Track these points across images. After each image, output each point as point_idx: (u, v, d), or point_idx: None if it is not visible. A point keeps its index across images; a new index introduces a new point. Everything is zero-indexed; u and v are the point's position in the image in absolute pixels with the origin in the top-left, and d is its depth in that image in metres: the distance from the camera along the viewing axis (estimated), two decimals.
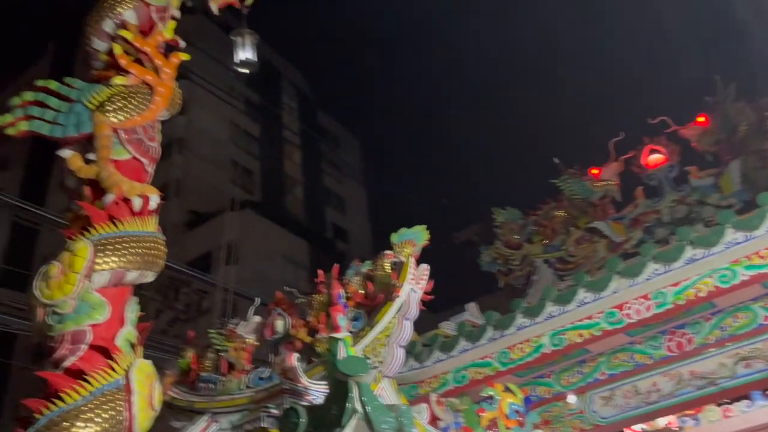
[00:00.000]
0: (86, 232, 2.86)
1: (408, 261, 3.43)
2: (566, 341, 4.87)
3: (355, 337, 3.29)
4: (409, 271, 3.38)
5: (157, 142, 3.45)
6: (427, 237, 3.74)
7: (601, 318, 4.81)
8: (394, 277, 3.43)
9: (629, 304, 4.75)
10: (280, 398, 3.06)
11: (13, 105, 3.19)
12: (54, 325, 2.67)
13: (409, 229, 3.74)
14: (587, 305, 4.85)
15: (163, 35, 3.50)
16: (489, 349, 5.10)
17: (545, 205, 9.29)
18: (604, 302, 4.81)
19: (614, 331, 4.79)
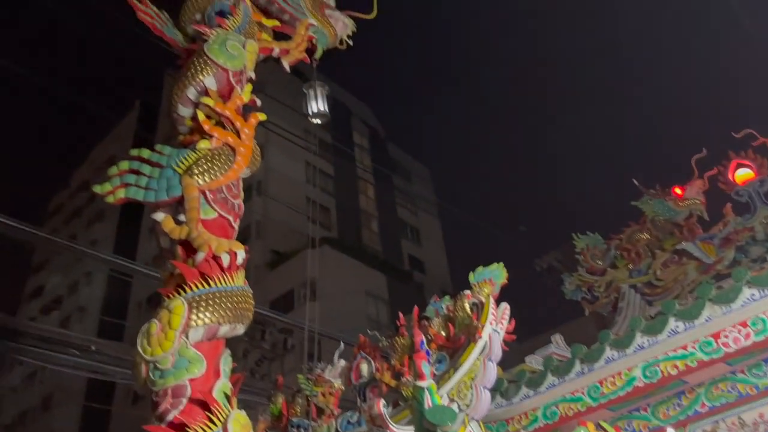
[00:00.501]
0: (181, 290, 3.05)
1: (488, 301, 3.42)
2: (660, 373, 4.66)
3: (440, 379, 3.29)
4: (490, 311, 3.37)
5: (240, 198, 3.65)
6: (506, 275, 3.72)
7: (697, 348, 4.59)
8: (474, 318, 3.43)
9: (726, 332, 4.51)
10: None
11: (111, 174, 3.47)
12: (156, 381, 2.85)
13: (487, 267, 3.74)
14: (680, 335, 4.64)
15: (241, 98, 3.73)
16: (578, 384, 4.95)
17: (627, 229, 8.99)
18: (698, 331, 4.59)
19: (712, 361, 4.55)
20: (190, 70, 3.82)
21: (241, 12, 4.14)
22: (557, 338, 6.51)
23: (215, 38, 3.86)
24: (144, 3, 4.22)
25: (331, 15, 4.98)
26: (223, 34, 3.90)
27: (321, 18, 4.86)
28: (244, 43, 3.97)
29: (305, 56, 4.79)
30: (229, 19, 4.05)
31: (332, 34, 4.94)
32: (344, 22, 5.03)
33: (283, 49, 4.55)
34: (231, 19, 4.05)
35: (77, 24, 11.50)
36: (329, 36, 4.92)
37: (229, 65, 3.80)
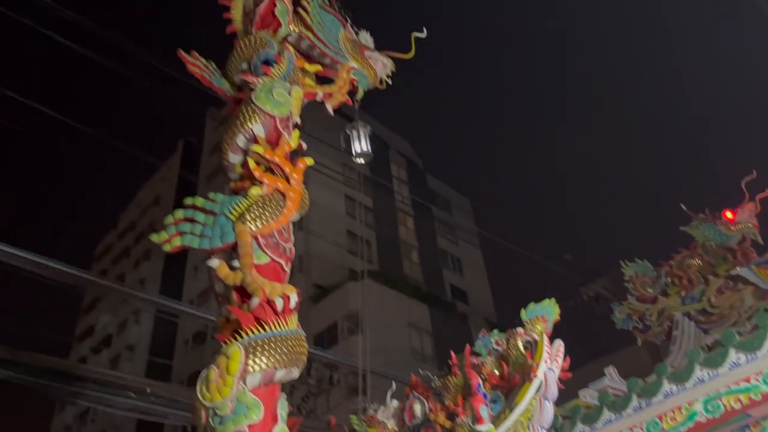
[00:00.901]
0: (237, 336, 3.10)
1: (542, 339, 3.38)
2: (723, 407, 4.49)
3: (496, 420, 3.25)
4: (544, 349, 3.33)
5: (291, 242, 3.72)
6: (558, 311, 3.68)
7: (760, 380, 4.42)
8: (528, 356, 3.39)
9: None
10: None
11: (167, 223, 3.58)
12: (216, 427, 2.89)
13: (539, 303, 3.70)
14: (741, 367, 4.48)
15: (290, 145, 3.82)
16: (636, 420, 4.81)
17: (677, 255, 8.78)
18: (761, 363, 4.43)
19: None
20: (239, 118, 3.94)
21: (285, 60, 4.26)
22: (611, 371, 6.35)
23: (262, 86, 3.98)
24: (193, 56, 4.39)
25: (371, 56, 5.08)
26: (269, 83, 4.02)
27: (361, 60, 4.96)
28: (290, 89, 4.08)
29: (347, 98, 4.90)
30: (275, 67, 4.17)
31: (373, 75, 5.03)
32: (383, 62, 5.12)
33: (326, 93, 4.67)
34: (276, 67, 4.17)
35: (120, 69, 12.08)
36: (370, 77, 5.02)
37: (276, 112, 3.91)
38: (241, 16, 4.72)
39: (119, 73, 9.53)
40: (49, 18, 8.72)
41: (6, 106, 28.59)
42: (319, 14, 4.82)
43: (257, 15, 4.57)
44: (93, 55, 8.94)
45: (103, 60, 9.26)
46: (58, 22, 9.15)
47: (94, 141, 57.23)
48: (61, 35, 8.55)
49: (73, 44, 8.72)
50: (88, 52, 8.87)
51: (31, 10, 8.60)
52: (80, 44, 8.58)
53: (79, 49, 8.68)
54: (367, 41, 5.14)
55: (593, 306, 14.30)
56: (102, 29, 8.80)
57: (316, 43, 4.76)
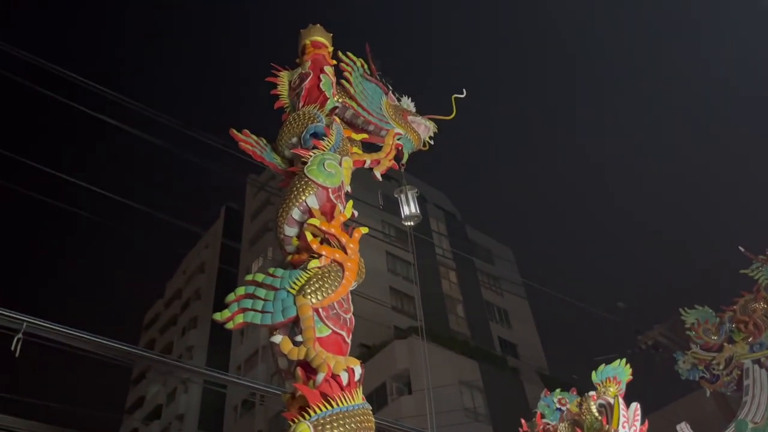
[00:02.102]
0: (305, 414, 3.07)
1: (617, 402, 3.25)
2: None
3: None
4: (620, 413, 3.20)
5: (351, 312, 3.71)
6: (630, 372, 3.55)
7: None
8: (605, 422, 3.25)
9: None
10: None
11: (229, 301, 3.61)
12: None
13: (609, 365, 3.58)
14: None
15: (344, 216, 3.87)
16: None
17: (740, 299, 8.45)
18: None
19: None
20: (292, 191, 4.01)
21: (334, 131, 4.36)
22: (683, 427, 6.05)
23: (313, 159, 4.06)
24: (245, 133, 4.53)
25: (414, 120, 5.17)
26: (320, 155, 4.10)
27: (405, 125, 5.05)
28: (340, 160, 4.16)
29: (394, 164, 4.97)
30: (324, 140, 4.27)
31: (416, 139, 5.11)
32: (426, 125, 5.21)
33: (374, 159, 4.75)
34: (326, 140, 4.26)
35: (157, 140, 12.58)
36: (414, 141, 5.10)
37: (328, 183, 3.98)
38: (287, 91, 4.88)
39: (159, 146, 9.88)
40: (98, 100, 9.17)
41: (49, 182, 29.71)
42: (361, 83, 4.96)
43: (303, 89, 4.71)
44: (128, 128, 9.33)
45: (140, 133, 9.63)
46: (108, 104, 9.60)
47: (138, 213, 59.02)
48: (110, 116, 8.97)
49: (114, 121, 9.13)
50: (125, 126, 9.27)
51: (80, 93, 9.07)
52: (118, 119, 8.98)
53: (118, 124, 9.08)
54: (408, 106, 5.24)
55: (653, 354, 13.77)
56: (138, 104, 9.20)
57: (361, 112, 4.88)
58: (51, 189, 10.53)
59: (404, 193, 5.28)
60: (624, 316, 15.20)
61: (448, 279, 34.05)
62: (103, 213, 43.53)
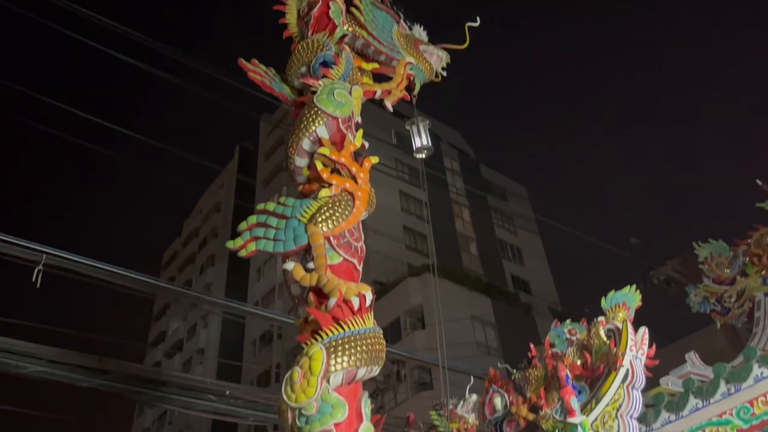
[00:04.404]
0: (318, 336, 3.14)
1: (625, 327, 3.29)
2: None
3: (581, 411, 3.19)
4: (629, 337, 3.24)
5: (362, 241, 3.74)
6: (640, 298, 3.57)
7: None
8: (612, 345, 3.30)
9: None
10: None
11: (241, 229, 3.65)
12: (303, 427, 2.93)
13: (619, 291, 3.60)
14: None
15: (354, 145, 3.84)
16: (725, 406, 4.61)
17: (754, 232, 8.38)
18: None
19: None
20: (302, 121, 3.97)
21: (343, 60, 4.28)
22: (692, 357, 6.12)
23: (323, 89, 4.01)
24: (253, 63, 4.46)
25: (426, 50, 5.06)
26: (329, 84, 4.04)
27: (416, 55, 4.95)
28: (350, 89, 4.10)
29: (406, 94, 4.90)
30: (333, 69, 4.20)
31: (428, 69, 5.02)
32: (438, 55, 5.10)
33: (384, 90, 4.68)
34: (335, 68, 4.19)
35: (177, 80, 12.46)
36: (426, 71, 5.01)
37: (338, 113, 3.93)
38: (295, 20, 4.77)
39: (174, 83, 9.78)
40: (112, 36, 9.04)
41: (67, 120, 29.62)
42: (372, 12, 4.84)
43: (312, 18, 4.60)
44: (145, 66, 9.22)
45: (156, 70, 9.53)
46: (122, 40, 9.46)
47: (153, 151, 59.21)
48: (124, 52, 8.86)
49: (132, 60, 9.01)
50: (143, 65, 9.16)
51: (96, 32, 8.94)
52: (134, 57, 8.87)
53: (135, 62, 8.97)
54: (420, 35, 5.12)
55: (664, 290, 13.84)
56: (155, 40, 9.06)
57: (371, 41, 4.77)
58: (71, 126, 10.55)
59: (416, 124, 5.21)
60: (637, 251, 15.22)
61: (461, 218, 34.14)
62: (119, 150, 43.69)
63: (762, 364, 4.55)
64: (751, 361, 4.54)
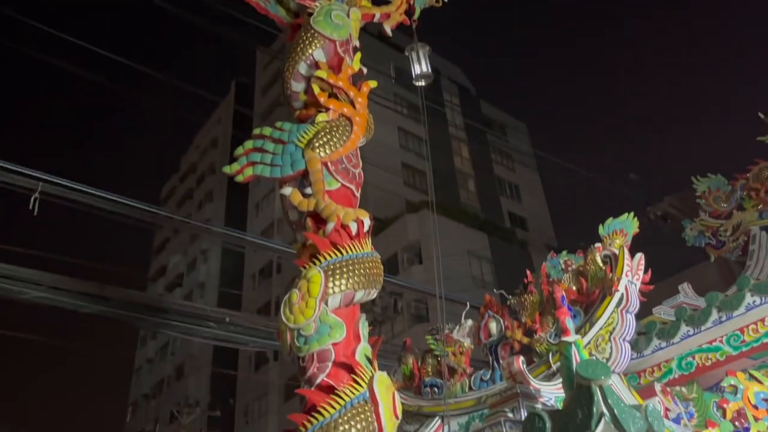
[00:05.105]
0: (316, 260, 3.16)
1: (621, 253, 3.31)
2: None
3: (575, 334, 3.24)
4: (625, 263, 3.26)
5: (360, 167, 3.71)
6: (637, 225, 3.58)
7: None
8: (608, 271, 3.33)
9: None
10: (514, 402, 3.12)
11: (238, 154, 3.61)
12: (301, 347, 2.99)
13: (617, 218, 3.60)
14: None
15: (352, 68, 3.75)
16: (716, 333, 4.70)
17: (754, 166, 8.34)
18: None
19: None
20: (299, 45, 3.87)
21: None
22: (685, 287, 6.21)
23: (320, 10, 3.89)
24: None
25: None
26: (326, 6, 3.92)
27: None
28: (348, 11, 3.98)
29: (405, 18, 4.76)
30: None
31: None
32: None
33: (383, 13, 4.53)
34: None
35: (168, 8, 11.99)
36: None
37: (335, 36, 3.83)
38: None
39: (171, 11, 9.48)
40: None
41: (65, 49, 28.84)
42: None
43: None
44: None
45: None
46: None
47: (151, 82, 58.30)
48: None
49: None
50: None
51: None
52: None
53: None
54: None
55: (660, 225, 13.91)
56: None
57: None
58: (69, 56, 10.31)
59: (415, 50, 5.09)
60: (635, 188, 15.20)
61: (460, 155, 33.99)
62: (117, 80, 42.99)
63: (755, 293, 4.61)
64: (744, 290, 4.60)
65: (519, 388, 3.05)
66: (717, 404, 3.76)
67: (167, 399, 31.72)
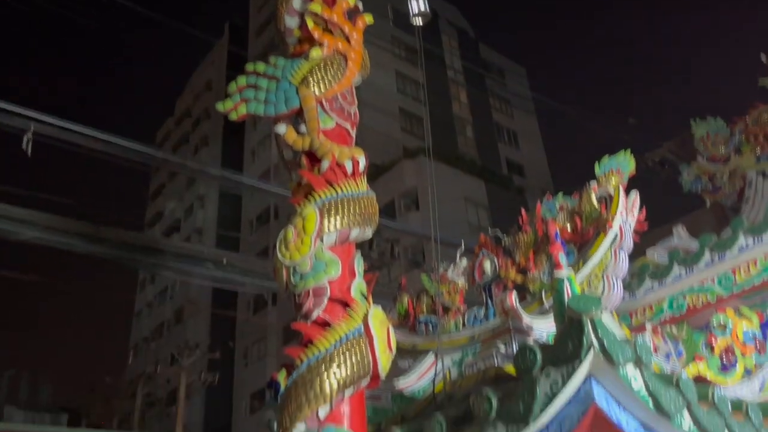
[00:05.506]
0: (311, 198, 3.15)
1: (617, 192, 3.30)
2: None
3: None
4: (620, 201, 3.26)
5: (355, 105, 3.65)
6: (633, 164, 3.56)
7: None
8: (603, 209, 3.33)
9: None
10: (506, 337, 3.18)
11: (231, 91, 3.54)
12: (297, 283, 3.01)
13: (613, 156, 3.58)
14: None
15: (347, 2, 3.65)
16: (708, 274, 4.76)
17: (753, 110, 8.27)
18: None
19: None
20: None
21: None
22: (680, 230, 6.25)
23: None
24: None
25: None
26: None
27: None
28: None
29: None
30: None
31: None
32: None
33: None
34: None
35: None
36: None
37: None
38: None
39: None
40: None
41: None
42: None
43: None
44: None
45: None
46: None
47: (144, 22, 56.92)
48: None
49: None
50: None
51: None
52: None
53: None
54: None
55: (658, 171, 13.89)
56: None
57: None
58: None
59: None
60: (634, 133, 15.09)
61: (458, 100, 33.60)
62: (109, 20, 42.00)
63: (748, 235, 4.64)
64: (738, 231, 4.63)
65: (511, 324, 3.11)
66: (706, 341, 3.83)
67: (167, 342, 32.30)
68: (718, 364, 3.79)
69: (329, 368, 2.74)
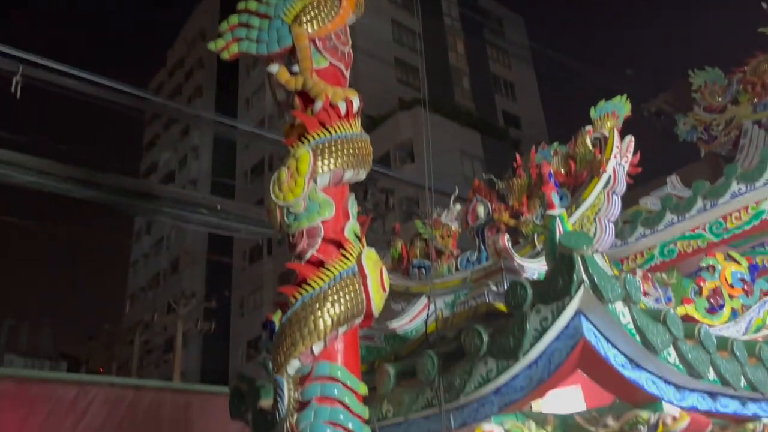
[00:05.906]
0: (304, 140, 3.13)
1: (612, 135, 3.30)
2: None
3: None
4: (614, 144, 3.26)
5: (349, 45, 3.60)
6: (629, 108, 3.54)
7: None
8: (597, 153, 3.33)
9: None
10: (498, 276, 3.22)
11: (223, 30, 3.48)
12: (291, 224, 3.02)
13: (608, 101, 3.56)
14: None
15: None
16: (699, 221, 4.80)
17: (752, 59, 8.17)
18: None
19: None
20: None
21: None
22: (673, 179, 6.26)
23: None
24: None
25: None
26: None
27: None
28: None
29: None
30: None
31: None
32: None
33: None
34: None
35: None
36: None
37: None
38: None
39: None
40: None
41: None
42: None
43: None
44: None
45: None
46: None
47: None
48: None
49: None
50: None
51: None
52: None
53: None
54: None
55: (654, 122, 13.83)
56: None
57: None
58: None
59: None
60: (631, 84, 14.96)
61: (455, 51, 33.08)
62: None
63: (741, 181, 4.66)
64: (731, 178, 4.64)
65: (503, 263, 3.14)
66: (694, 283, 3.89)
67: (164, 291, 32.60)
68: (706, 305, 3.86)
69: (323, 306, 2.78)
